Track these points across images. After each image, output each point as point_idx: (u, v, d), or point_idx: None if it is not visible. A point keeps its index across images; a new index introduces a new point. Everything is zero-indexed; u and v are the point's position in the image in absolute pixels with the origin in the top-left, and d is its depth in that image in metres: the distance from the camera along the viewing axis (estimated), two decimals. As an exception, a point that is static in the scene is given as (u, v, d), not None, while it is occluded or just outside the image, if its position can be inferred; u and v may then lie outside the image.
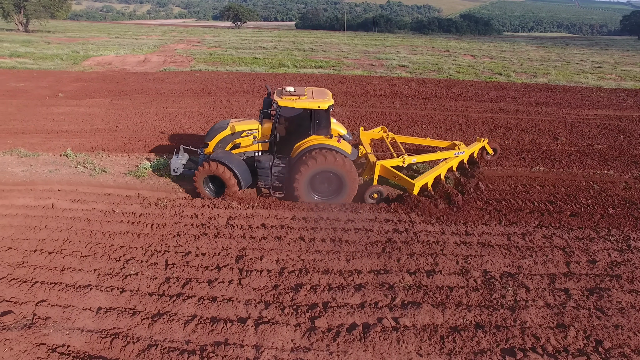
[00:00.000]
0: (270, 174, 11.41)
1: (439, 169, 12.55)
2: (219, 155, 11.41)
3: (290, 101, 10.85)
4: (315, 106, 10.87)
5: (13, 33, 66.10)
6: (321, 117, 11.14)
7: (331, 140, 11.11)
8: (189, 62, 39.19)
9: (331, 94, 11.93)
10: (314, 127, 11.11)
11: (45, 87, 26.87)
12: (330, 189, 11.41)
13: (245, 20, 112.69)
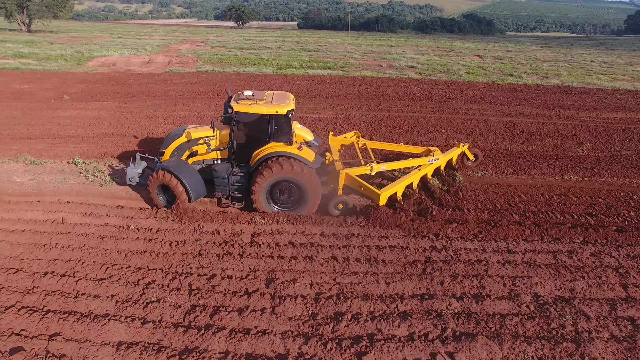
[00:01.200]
0: (228, 184, 10.68)
1: (410, 178, 11.64)
2: (170, 164, 10.71)
3: (247, 106, 10.10)
4: (272, 111, 10.11)
5: (16, 33, 65.20)
6: (280, 122, 10.40)
7: (291, 148, 10.37)
8: (195, 62, 38.34)
9: (293, 98, 11.06)
10: (273, 133, 10.37)
11: (50, 88, 26.04)
12: (291, 199, 10.72)
13: (248, 20, 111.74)
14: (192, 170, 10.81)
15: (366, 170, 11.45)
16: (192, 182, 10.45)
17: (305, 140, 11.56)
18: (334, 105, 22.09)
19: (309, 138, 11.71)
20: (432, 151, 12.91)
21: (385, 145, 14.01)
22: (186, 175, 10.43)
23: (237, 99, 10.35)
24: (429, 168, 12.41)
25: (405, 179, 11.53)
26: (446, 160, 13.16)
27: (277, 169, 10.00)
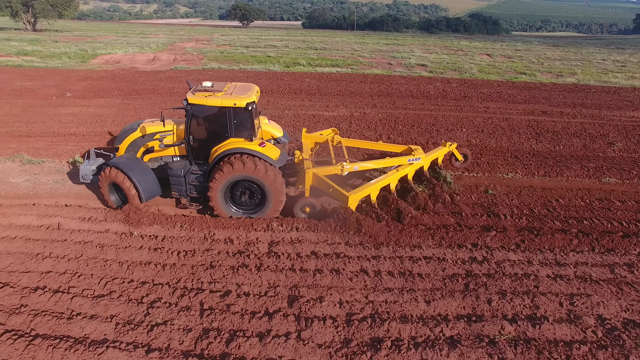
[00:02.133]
0: (184, 183, 9.73)
1: (387, 179, 10.45)
2: (120, 160, 9.78)
3: (202, 98, 9.14)
4: (230, 103, 9.08)
5: (21, 32, 64.36)
6: (240, 116, 9.36)
7: (251, 144, 9.32)
8: (200, 60, 37.29)
9: (257, 90, 10.06)
10: (232, 128, 9.36)
11: (53, 86, 25.03)
12: (252, 201, 9.76)
13: (252, 20, 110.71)
14: (144, 168, 9.84)
15: (336, 170, 10.27)
16: (143, 181, 9.51)
17: (274, 136, 10.74)
18: (347, 103, 20.97)
19: (278, 134, 10.86)
20: (414, 150, 11.57)
21: (363, 144, 12.73)
22: (137, 173, 9.51)
23: (195, 90, 9.42)
24: (409, 168, 11.10)
25: (381, 180, 10.33)
26: (430, 160, 11.89)
27: (235, 167, 9.01)
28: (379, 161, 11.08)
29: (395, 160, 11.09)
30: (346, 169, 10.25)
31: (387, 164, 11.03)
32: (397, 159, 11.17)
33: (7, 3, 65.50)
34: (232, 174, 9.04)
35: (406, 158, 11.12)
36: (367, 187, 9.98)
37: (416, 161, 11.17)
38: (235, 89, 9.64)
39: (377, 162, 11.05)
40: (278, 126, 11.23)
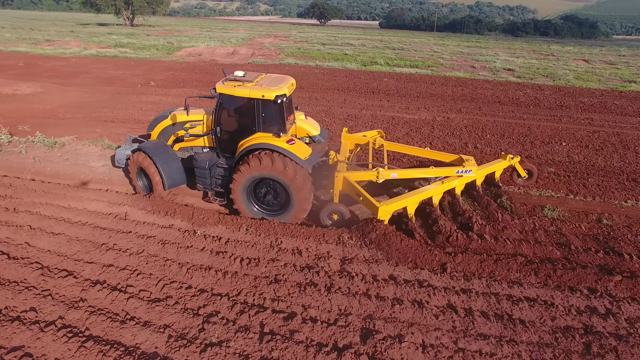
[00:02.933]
0: (209, 176, 9.19)
1: (429, 191, 9.03)
2: (148, 145, 9.43)
3: (231, 88, 8.49)
4: (258, 95, 8.31)
5: (121, 27, 69.72)
6: (269, 109, 8.56)
7: (278, 140, 8.46)
8: (277, 55, 37.37)
9: (291, 83, 9.12)
10: (260, 121, 8.61)
11: (139, 75, 26.15)
12: (276, 202, 8.94)
13: (330, 18, 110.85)
14: (171, 156, 9.41)
15: (371, 176, 9.04)
16: (168, 168, 9.12)
17: (309, 134, 9.90)
18: (428, 105, 19.40)
19: (314, 132, 9.98)
20: (466, 161, 9.97)
21: (408, 149, 11.15)
22: (162, 160, 9.11)
23: (225, 79, 8.79)
24: (458, 181, 9.60)
25: (421, 191, 8.97)
26: (484, 174, 10.29)
27: (260, 164, 8.28)
28: (422, 170, 9.69)
29: (441, 170, 9.57)
30: (382, 175, 9.00)
31: (430, 174, 9.54)
32: (444, 169, 9.67)
33: (112, 2, 71.95)
34: (255, 170, 8.36)
35: (454, 169, 9.61)
36: (402, 198, 8.72)
37: (466, 174, 9.62)
38: (268, 81, 8.90)
39: (419, 171, 9.72)
40: (315, 123, 10.33)
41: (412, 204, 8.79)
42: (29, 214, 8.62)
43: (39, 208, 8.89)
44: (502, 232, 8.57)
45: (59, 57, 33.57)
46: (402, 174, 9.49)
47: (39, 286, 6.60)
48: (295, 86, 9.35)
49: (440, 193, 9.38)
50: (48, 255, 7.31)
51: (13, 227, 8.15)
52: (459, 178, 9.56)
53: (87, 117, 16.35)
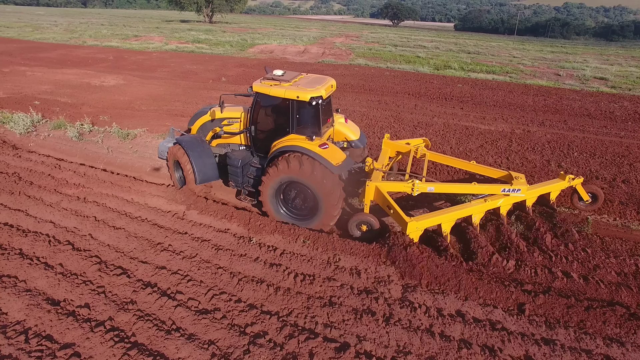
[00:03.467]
0: (241, 174, 9.04)
1: (468, 208, 8.21)
2: (184, 139, 9.39)
3: (267, 87, 8.23)
4: (292, 96, 7.96)
5: (201, 24, 73.33)
6: (304, 111, 8.21)
7: (310, 144, 8.02)
8: (348, 55, 36.84)
9: (330, 85, 8.62)
10: (293, 123, 8.27)
11: (212, 70, 26.91)
12: (304, 207, 8.48)
13: (403, 19, 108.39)
14: (205, 151, 9.31)
15: (406, 187, 8.34)
16: (201, 163, 9.05)
17: (347, 139, 9.49)
18: (506, 116, 17.79)
19: (353, 137, 9.54)
20: (515, 178, 8.83)
21: (452, 161, 10.10)
22: (196, 154, 9.05)
23: (263, 78, 8.59)
24: (503, 201, 8.57)
25: (459, 209, 8.18)
26: (536, 195, 9.17)
27: (288, 167, 7.97)
28: (463, 185, 8.83)
29: (484, 187, 8.64)
30: (418, 188, 8.29)
31: (472, 190, 8.66)
32: (488, 186, 8.73)
33: (194, 0, 76.06)
34: (283, 173, 8.05)
35: (500, 187, 8.59)
36: (437, 215, 7.98)
37: (514, 193, 8.56)
38: (306, 81, 8.49)
39: (459, 186, 8.90)
40: (355, 127, 9.81)
41: (447, 221, 7.99)
42: (95, 205, 8.80)
43: (105, 200, 9.07)
44: (594, 271, 7.32)
45: (143, 51, 35.68)
46: (441, 188, 8.67)
47: (95, 282, 6.58)
48: (335, 88, 8.92)
49: (481, 212, 8.48)
50: (107, 250, 7.32)
51: (80, 217, 8.34)
52: (505, 197, 8.59)
53: (159, 110, 16.89)
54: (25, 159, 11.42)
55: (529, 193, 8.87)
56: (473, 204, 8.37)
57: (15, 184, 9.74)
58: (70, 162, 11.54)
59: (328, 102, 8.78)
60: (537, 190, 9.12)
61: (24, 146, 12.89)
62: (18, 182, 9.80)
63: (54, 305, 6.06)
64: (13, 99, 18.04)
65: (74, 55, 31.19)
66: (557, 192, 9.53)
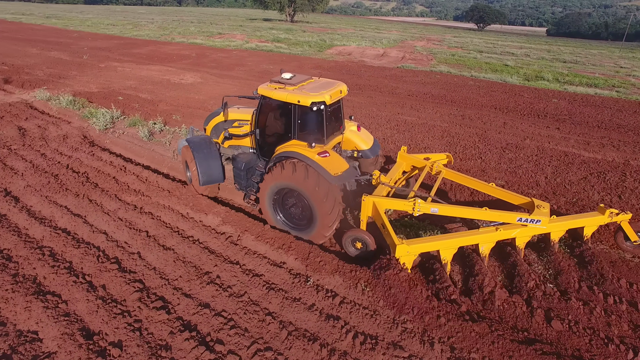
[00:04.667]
0: (244, 177, 8.76)
1: (474, 236, 7.17)
2: (193, 139, 9.24)
3: (271, 90, 7.85)
4: (293, 100, 7.53)
5: (282, 23, 74.56)
6: (306, 116, 7.74)
7: (309, 150, 7.61)
8: (429, 61, 34.67)
9: (338, 90, 8.00)
10: (295, 128, 7.83)
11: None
12: (301, 215, 8.06)
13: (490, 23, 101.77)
14: (211, 152, 9.04)
15: (407, 206, 7.44)
16: (206, 165, 8.83)
17: (357, 148, 8.87)
18: (616, 141, 14.95)
19: (363, 147, 8.87)
20: (537, 207, 7.63)
21: (470, 182, 8.84)
22: (202, 156, 8.86)
23: (271, 80, 8.20)
24: (520, 231, 7.43)
25: (463, 236, 7.20)
26: (565, 228, 7.87)
27: (277, 173, 7.70)
28: (471, 210, 7.56)
29: (497, 214, 7.45)
30: (420, 207, 7.35)
31: (482, 216, 7.49)
32: (503, 213, 7.53)
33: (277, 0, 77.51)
34: (278, 179, 7.71)
35: (516, 215, 7.36)
36: (435, 240, 7.06)
37: (532, 223, 7.34)
38: (313, 85, 7.96)
39: (467, 210, 7.58)
40: (369, 136, 9.11)
41: (447, 247, 6.99)
42: (150, 218, 8.29)
43: (161, 212, 8.54)
44: None
45: (224, 49, 36.44)
46: (446, 210, 7.49)
47: (133, 313, 5.91)
48: (346, 93, 8.29)
49: (491, 241, 7.33)
50: (152, 275, 6.66)
51: (133, 230, 7.85)
52: (522, 227, 7.36)
53: (231, 113, 16.55)
54: (97, 157, 11.41)
55: (553, 226, 7.56)
56: (481, 231, 7.23)
57: (82, 185, 9.60)
58: (137, 164, 11.34)
59: (337, 108, 8.30)
60: (564, 223, 7.73)
61: (100, 142, 13.05)
62: (85, 184, 9.66)
63: (88, 339, 5.45)
64: (102, 93, 18.80)
65: (161, 52, 32.58)
66: (592, 227, 8.03)
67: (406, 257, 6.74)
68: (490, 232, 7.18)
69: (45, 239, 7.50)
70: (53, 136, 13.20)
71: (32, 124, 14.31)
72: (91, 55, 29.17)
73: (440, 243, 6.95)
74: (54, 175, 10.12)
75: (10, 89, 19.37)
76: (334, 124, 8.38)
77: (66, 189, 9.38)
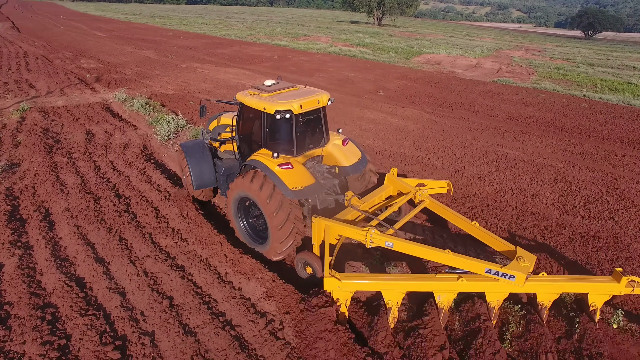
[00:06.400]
0: (224, 183, 8.33)
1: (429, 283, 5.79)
2: (187, 144, 9.00)
3: (245, 96, 7.42)
4: (260, 107, 7.00)
5: (369, 26, 72.17)
6: (274, 125, 7.19)
7: (270, 160, 6.96)
8: (529, 75, 30.11)
9: (316, 99, 7.19)
10: (265, 137, 7.29)
11: (371, 80, 24.10)
12: (262, 228, 7.53)
13: (601, 30, 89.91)
14: (204, 156, 8.76)
15: (360, 235, 6.14)
16: (198, 169, 8.57)
17: (337, 164, 7.86)
18: None
19: (344, 163, 7.83)
20: (519, 258, 5.70)
21: (452, 217, 7.26)
22: (194, 160, 8.62)
23: (252, 86, 7.76)
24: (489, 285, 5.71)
25: (414, 279, 5.90)
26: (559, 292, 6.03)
27: (238, 182, 7.26)
28: (433, 251, 5.94)
29: (461, 259, 5.78)
30: (374, 239, 6.13)
31: (445, 260, 5.90)
32: (466, 259, 5.77)
33: (367, 2, 74.83)
34: (240, 188, 7.31)
35: (484, 265, 5.63)
36: (376, 279, 5.91)
37: (505, 279, 5.55)
38: (289, 93, 7.45)
39: (425, 250, 5.99)
40: (354, 152, 8.14)
41: (392, 290, 5.79)
42: (179, 276, 6.54)
43: (195, 267, 6.77)
44: None
45: (307, 52, 35.04)
46: (403, 246, 6.17)
47: None
48: (325, 104, 7.51)
49: (451, 292, 5.85)
50: (159, 379, 4.84)
51: (155, 294, 6.13)
52: (494, 282, 5.71)
53: (303, 129, 14.70)
54: (146, 178, 10.10)
55: (534, 286, 5.84)
56: (439, 278, 5.90)
57: (119, 216, 8.22)
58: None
59: (315, 119, 7.60)
60: (558, 284, 5.98)
61: (158, 156, 11.91)
62: (122, 214, 8.28)
63: None
64: (176, 96, 18.07)
65: (244, 53, 32.00)
66: (602, 296, 6.05)
67: (339, 294, 5.71)
68: (451, 280, 5.75)
69: (55, 293, 6.07)
70: (115, 144, 12.32)
71: (101, 128, 13.67)
72: (177, 55, 29.33)
73: (382, 284, 5.82)
74: (97, 198, 8.91)
75: (97, 87, 19.47)
76: (311, 135, 7.68)
77: (101, 219, 8.05)
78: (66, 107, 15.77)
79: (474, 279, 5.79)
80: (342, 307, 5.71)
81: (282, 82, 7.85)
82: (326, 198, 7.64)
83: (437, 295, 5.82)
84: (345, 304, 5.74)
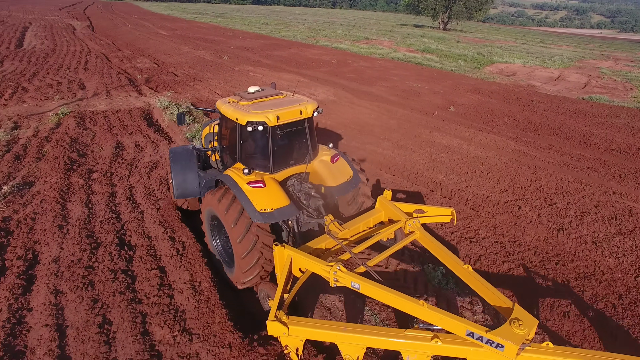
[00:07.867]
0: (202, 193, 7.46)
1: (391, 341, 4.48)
2: (175, 150, 7.97)
3: (224, 104, 6.67)
4: (233, 117, 6.30)
5: (434, 30, 67.76)
6: (248, 137, 6.40)
7: (241, 177, 6.10)
8: (627, 91, 25.29)
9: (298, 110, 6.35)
10: (239, 149, 6.48)
11: (439, 93, 20.98)
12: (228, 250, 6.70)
13: (701, 41, 78.35)
14: (189, 165, 7.68)
15: (324, 271, 5.03)
16: (181, 178, 7.55)
17: (323, 183, 6.75)
18: None
19: (330, 183, 6.68)
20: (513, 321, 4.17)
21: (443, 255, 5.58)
22: (177, 168, 7.58)
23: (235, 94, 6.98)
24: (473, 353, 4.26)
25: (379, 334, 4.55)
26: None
27: (207, 198, 6.47)
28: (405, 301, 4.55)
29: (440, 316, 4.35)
30: (339, 277, 4.92)
31: (419, 314, 4.50)
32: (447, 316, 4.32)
33: (433, 5, 70.24)
34: (209, 204, 6.37)
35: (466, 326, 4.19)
36: (331, 328, 4.60)
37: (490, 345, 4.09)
38: (270, 103, 6.49)
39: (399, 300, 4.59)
40: (343, 170, 6.85)
41: (349, 342, 4.53)
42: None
43: None
44: None
45: (368, 56, 32.32)
46: (370, 290, 4.75)
47: None
48: (309, 115, 6.47)
49: (422, 353, 4.37)
50: None
51: None
52: (476, 347, 4.17)
53: (361, 150, 12.14)
54: (162, 217, 8.06)
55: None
56: (408, 334, 4.41)
57: (113, 280, 6.13)
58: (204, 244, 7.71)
59: (298, 131, 6.53)
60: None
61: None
62: (118, 276, 6.19)
63: None
64: (223, 103, 16.24)
65: (302, 56, 29.93)
66: None
67: (288, 340, 4.65)
68: (423, 340, 4.31)
69: None
70: (142, 163, 10.55)
71: (133, 141, 12.02)
72: (232, 56, 27.86)
73: (338, 335, 4.52)
74: (95, 246, 6.96)
75: (144, 90, 18.19)
76: (293, 150, 6.71)
77: (90, 284, 6.03)
78: (105, 113, 14.41)
79: (453, 341, 4.34)
80: (292, 355, 4.73)
81: (268, 90, 7.05)
82: (309, 221, 6.52)
83: (405, 356, 4.46)
84: (295, 351, 4.69)
